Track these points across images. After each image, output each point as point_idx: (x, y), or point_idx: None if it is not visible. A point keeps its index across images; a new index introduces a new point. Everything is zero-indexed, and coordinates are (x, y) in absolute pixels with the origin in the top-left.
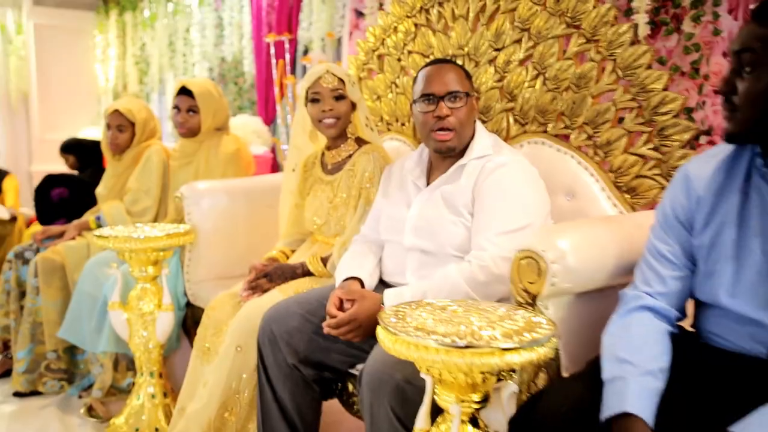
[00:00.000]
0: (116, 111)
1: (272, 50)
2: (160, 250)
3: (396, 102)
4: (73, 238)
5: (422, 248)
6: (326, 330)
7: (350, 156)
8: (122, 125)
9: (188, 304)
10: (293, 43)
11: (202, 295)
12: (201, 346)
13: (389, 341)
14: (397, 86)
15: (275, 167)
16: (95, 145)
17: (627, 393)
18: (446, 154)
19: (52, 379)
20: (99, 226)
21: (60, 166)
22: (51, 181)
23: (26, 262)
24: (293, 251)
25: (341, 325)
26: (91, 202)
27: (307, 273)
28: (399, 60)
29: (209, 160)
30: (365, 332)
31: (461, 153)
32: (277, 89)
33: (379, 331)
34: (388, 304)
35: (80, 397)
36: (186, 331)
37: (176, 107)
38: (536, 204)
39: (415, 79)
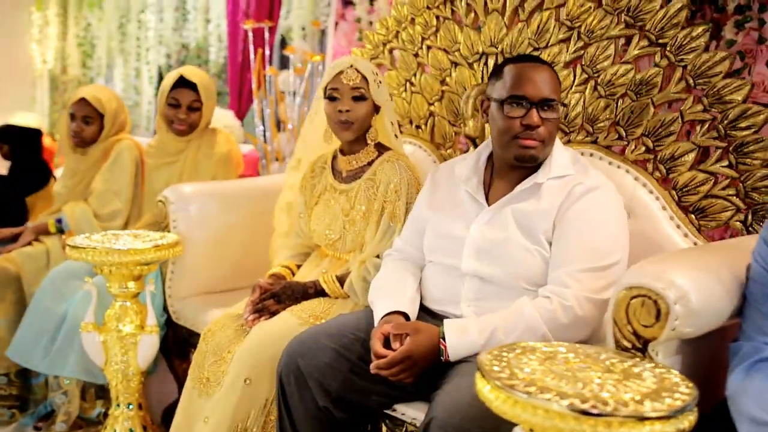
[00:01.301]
0: (83, 100)
1: (251, 38)
2: (145, 264)
3: (411, 101)
4: (30, 244)
5: (483, 275)
6: (374, 370)
7: (370, 163)
8: (89, 116)
9: (168, 323)
10: (273, 31)
11: (187, 313)
12: (198, 376)
13: (505, 403)
14: (412, 84)
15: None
16: (34, 133)
17: None
18: (526, 165)
19: (1, 407)
20: (60, 230)
21: None
22: None
23: None
24: (299, 266)
25: (394, 364)
26: (20, 205)
27: (320, 293)
28: (416, 56)
29: (199, 161)
30: (420, 371)
31: (534, 167)
32: (254, 81)
33: (483, 386)
34: (450, 341)
35: (36, 429)
36: (165, 354)
37: (174, 102)
38: (625, 238)
39: (496, 73)
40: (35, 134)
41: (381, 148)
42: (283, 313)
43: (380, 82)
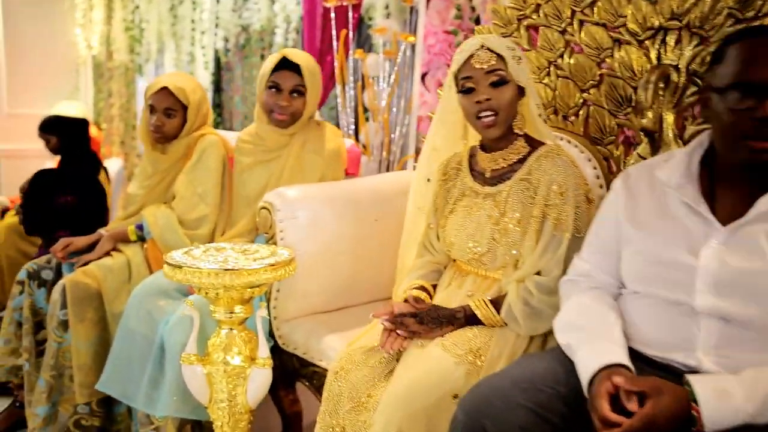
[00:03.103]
0: (165, 89)
1: (332, 18)
2: (257, 286)
3: (556, 88)
4: (108, 254)
5: (729, 316)
6: None
7: (521, 161)
8: (172, 109)
9: (274, 350)
10: (357, 9)
11: (297, 338)
12: (331, 424)
13: None
14: (558, 67)
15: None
16: (82, 123)
17: None
18: (763, 168)
19: None
20: (140, 237)
21: (33, 144)
22: (48, 179)
23: (43, 284)
24: (434, 286)
25: None
26: (102, 210)
27: (470, 319)
28: (563, 33)
29: (305, 159)
30: None
31: None
32: (337, 66)
33: None
34: (707, 407)
35: None
36: (272, 387)
37: (274, 86)
38: None
39: (717, 55)
40: (82, 124)
41: (532, 142)
42: (432, 349)
43: (519, 57)
